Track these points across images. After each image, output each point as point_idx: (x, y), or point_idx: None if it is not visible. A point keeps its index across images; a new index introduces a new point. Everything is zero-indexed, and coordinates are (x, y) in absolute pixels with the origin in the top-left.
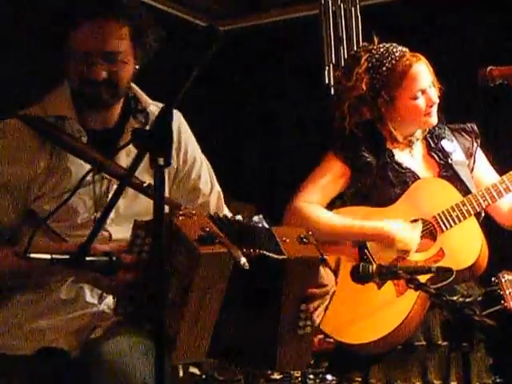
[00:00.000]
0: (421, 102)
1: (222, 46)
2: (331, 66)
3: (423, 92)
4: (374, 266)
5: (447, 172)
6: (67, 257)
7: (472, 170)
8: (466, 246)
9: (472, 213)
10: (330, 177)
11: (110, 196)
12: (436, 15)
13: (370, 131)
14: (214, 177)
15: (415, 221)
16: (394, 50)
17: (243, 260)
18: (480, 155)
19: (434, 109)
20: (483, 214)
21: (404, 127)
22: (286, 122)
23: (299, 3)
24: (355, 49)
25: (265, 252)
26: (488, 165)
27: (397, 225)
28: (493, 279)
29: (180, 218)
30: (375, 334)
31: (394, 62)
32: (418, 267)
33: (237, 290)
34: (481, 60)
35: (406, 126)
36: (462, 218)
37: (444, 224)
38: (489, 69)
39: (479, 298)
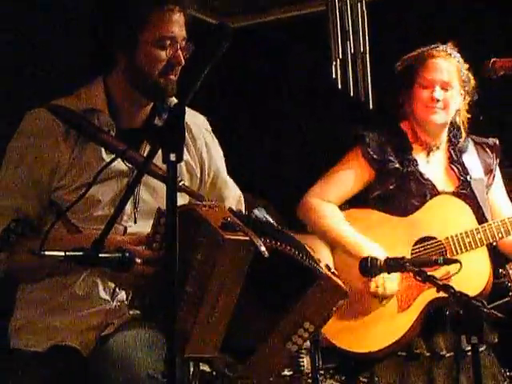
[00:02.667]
0: (426, 93)
1: (231, 43)
2: (338, 60)
3: (430, 85)
4: (382, 258)
5: (465, 190)
6: (80, 253)
7: (489, 186)
8: (473, 276)
9: (485, 243)
10: (353, 175)
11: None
12: (442, 9)
13: (398, 136)
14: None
15: (425, 239)
16: (441, 45)
17: (263, 248)
18: (497, 174)
19: (438, 106)
20: (494, 244)
21: (418, 120)
22: (293, 116)
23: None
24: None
25: (305, 262)
26: (502, 185)
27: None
28: (500, 271)
29: (203, 208)
30: (372, 346)
31: (425, 48)
32: (426, 259)
33: (254, 284)
34: (491, 53)
35: (418, 118)
36: (473, 246)
37: (455, 248)
38: (492, 61)
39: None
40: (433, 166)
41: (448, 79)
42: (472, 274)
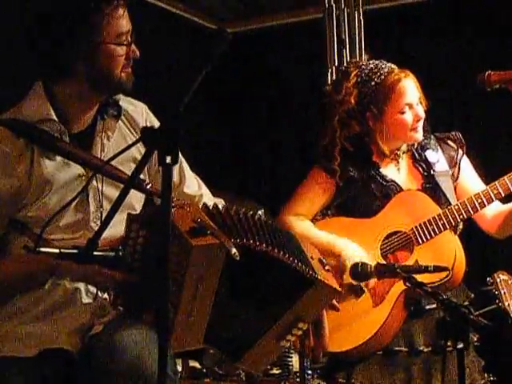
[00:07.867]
0: (408, 116)
1: (228, 48)
2: (334, 68)
3: (410, 107)
4: (373, 264)
5: (430, 184)
6: (75, 251)
7: (457, 178)
8: (440, 260)
9: (448, 227)
10: (317, 190)
11: (90, 195)
12: (436, 20)
13: (358, 145)
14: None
15: (393, 234)
16: (383, 65)
17: (234, 250)
18: (465, 164)
19: (420, 124)
20: (461, 226)
21: (391, 141)
22: (289, 123)
23: (304, 7)
24: (346, 62)
25: (296, 267)
26: (473, 173)
27: (352, 249)
28: (488, 279)
29: (173, 209)
30: (350, 344)
31: (382, 77)
32: (416, 266)
33: (235, 280)
34: (483, 64)
35: (393, 140)
36: (437, 232)
37: (420, 237)
38: (487, 73)
39: (466, 303)
40: (398, 168)
41: (419, 93)
42: (438, 260)
